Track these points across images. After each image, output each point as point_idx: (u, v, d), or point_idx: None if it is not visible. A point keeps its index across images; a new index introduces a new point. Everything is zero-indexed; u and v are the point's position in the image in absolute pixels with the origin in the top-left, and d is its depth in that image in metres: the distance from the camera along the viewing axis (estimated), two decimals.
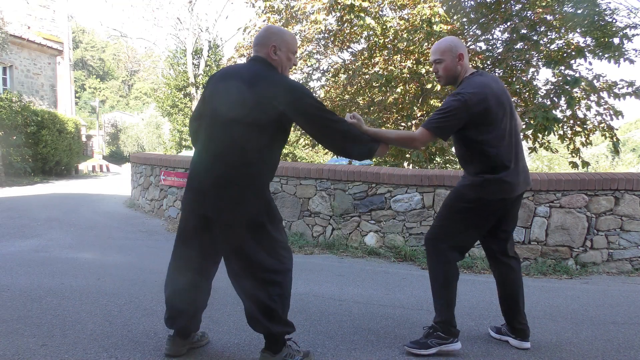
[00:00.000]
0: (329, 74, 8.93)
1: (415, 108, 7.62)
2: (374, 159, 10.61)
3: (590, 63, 9.08)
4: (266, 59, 2.07)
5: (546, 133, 6.78)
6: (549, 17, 6.54)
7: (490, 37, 8.28)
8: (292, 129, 2.32)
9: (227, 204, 1.95)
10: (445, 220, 2.40)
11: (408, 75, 6.95)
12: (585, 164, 7.46)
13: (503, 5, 7.26)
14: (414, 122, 7.83)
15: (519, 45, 7.12)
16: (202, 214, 2.01)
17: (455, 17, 7.83)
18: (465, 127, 2.24)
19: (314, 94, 2.04)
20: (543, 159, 26.09)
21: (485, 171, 2.27)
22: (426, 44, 6.53)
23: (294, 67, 2.20)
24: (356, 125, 2.20)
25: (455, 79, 2.37)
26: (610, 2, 15.32)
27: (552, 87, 7.23)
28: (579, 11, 6.96)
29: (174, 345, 2.19)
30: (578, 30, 7.25)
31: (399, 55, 6.94)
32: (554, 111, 6.55)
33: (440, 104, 7.30)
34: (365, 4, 6.51)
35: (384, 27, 6.75)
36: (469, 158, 2.34)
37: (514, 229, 2.53)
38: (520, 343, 2.49)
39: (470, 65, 2.52)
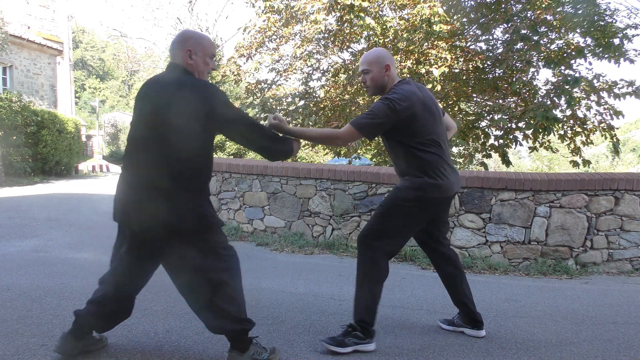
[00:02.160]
0: (329, 74, 8.92)
1: None
2: (373, 159, 10.62)
3: (590, 63, 9.09)
4: (182, 65, 2.03)
5: (546, 133, 6.78)
6: (549, 17, 6.53)
7: (491, 37, 8.28)
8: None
9: (156, 215, 1.90)
10: (382, 219, 2.41)
11: (408, 75, 6.95)
12: (587, 162, 7.46)
13: (503, 5, 7.25)
14: None
15: (519, 45, 7.11)
16: (128, 225, 2.00)
17: (455, 17, 7.82)
18: (395, 131, 2.35)
19: (228, 99, 2.04)
20: (543, 158, 26.10)
21: (422, 173, 2.36)
22: (426, 44, 6.52)
23: (213, 71, 2.16)
24: (278, 126, 2.30)
25: (382, 89, 2.46)
26: (610, 3, 15.34)
27: (552, 87, 7.22)
28: (579, 11, 6.95)
29: (65, 343, 2.11)
30: (578, 30, 7.25)
31: (399, 55, 6.93)
32: (554, 111, 6.55)
33: (440, 104, 7.33)
34: (365, 4, 6.50)
35: (384, 27, 6.74)
36: (405, 161, 2.42)
37: (446, 231, 2.72)
38: (477, 332, 2.63)
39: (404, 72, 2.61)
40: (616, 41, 6.95)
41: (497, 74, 7.65)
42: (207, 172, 2.08)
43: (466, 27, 8.04)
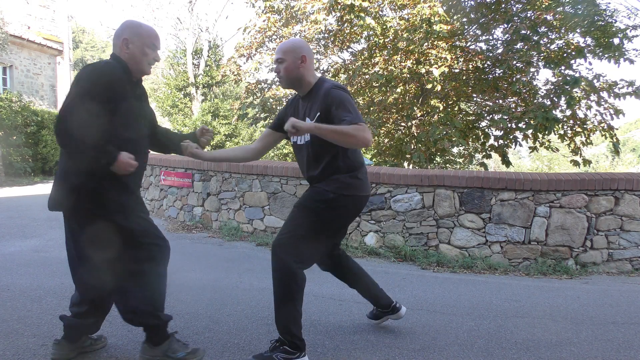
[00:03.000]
0: (329, 74, 8.93)
1: (415, 108, 7.62)
2: (373, 159, 10.61)
3: (590, 63, 9.12)
4: (118, 55, 2.00)
5: (546, 133, 6.78)
6: (549, 17, 6.53)
7: (491, 37, 8.28)
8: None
9: (66, 196, 1.95)
10: (304, 225, 2.19)
11: (408, 75, 6.94)
12: (587, 162, 7.46)
13: (503, 5, 7.26)
14: (414, 122, 7.83)
15: (519, 45, 7.11)
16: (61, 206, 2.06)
17: (455, 17, 7.82)
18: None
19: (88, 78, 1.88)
20: (543, 159, 26.12)
21: (354, 171, 2.25)
22: (426, 44, 6.52)
23: (155, 62, 2.07)
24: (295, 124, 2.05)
25: (297, 81, 2.26)
26: (610, 3, 15.34)
27: (552, 87, 7.23)
28: (579, 11, 6.95)
29: (60, 349, 2.10)
30: (578, 30, 7.25)
31: (399, 55, 6.93)
32: (554, 111, 6.55)
33: (440, 104, 7.34)
34: (365, 4, 6.50)
35: (384, 27, 6.74)
36: (337, 160, 2.21)
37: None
38: (398, 314, 2.66)
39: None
40: (616, 41, 6.96)
41: (497, 74, 7.65)
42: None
43: (466, 27, 8.04)
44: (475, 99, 8.58)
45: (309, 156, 2.27)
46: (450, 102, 8.35)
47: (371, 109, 8.13)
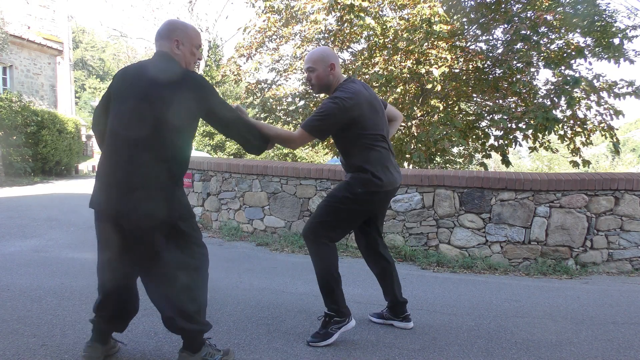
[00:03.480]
0: None
1: (415, 108, 7.62)
2: None
3: (590, 63, 9.11)
4: (169, 54, 2.02)
5: (546, 133, 6.78)
6: (549, 18, 6.54)
7: (491, 38, 8.28)
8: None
9: (136, 205, 1.87)
10: (329, 214, 2.48)
11: (408, 75, 6.94)
12: (586, 162, 7.46)
13: (503, 6, 7.26)
14: (414, 122, 7.83)
15: (519, 45, 7.12)
16: (110, 215, 1.93)
17: (455, 17, 7.82)
18: (344, 128, 2.41)
19: (218, 91, 2.01)
20: (543, 159, 26.13)
21: (368, 168, 2.43)
22: (426, 44, 6.52)
23: (198, 61, 2.19)
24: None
25: (327, 87, 2.51)
26: (610, 3, 15.34)
27: (552, 87, 7.23)
28: (579, 12, 6.96)
29: (93, 351, 2.09)
30: (578, 30, 7.26)
31: (399, 55, 6.93)
32: (554, 111, 6.55)
33: (440, 104, 7.34)
34: (365, 4, 6.50)
35: (384, 27, 6.75)
36: (353, 156, 2.49)
37: (382, 224, 2.85)
38: (406, 324, 2.75)
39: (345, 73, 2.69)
40: (616, 41, 6.96)
41: (497, 74, 7.65)
42: (187, 162, 2.07)
43: (466, 27, 8.04)
44: (475, 99, 8.58)
45: (339, 149, 2.60)
46: (450, 102, 8.35)
47: None
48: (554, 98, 6.88)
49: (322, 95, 2.66)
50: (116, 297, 2.08)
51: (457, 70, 7.48)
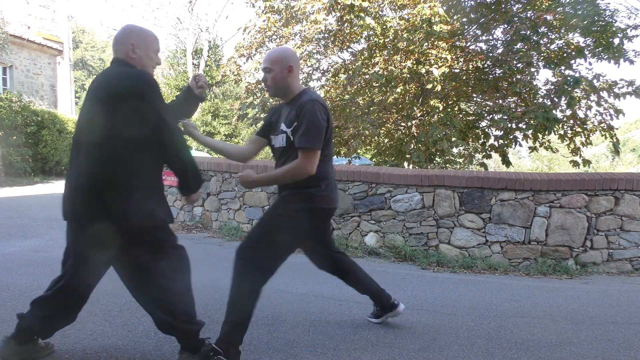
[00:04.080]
0: (329, 74, 8.91)
1: (415, 108, 7.62)
2: (373, 159, 10.61)
3: (590, 63, 9.10)
4: (125, 59, 2.00)
5: (546, 133, 6.78)
6: (549, 18, 6.53)
7: (491, 38, 8.28)
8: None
9: (102, 210, 1.86)
10: (269, 235, 2.22)
11: (408, 75, 6.93)
12: (587, 162, 7.46)
13: (503, 6, 7.25)
14: (414, 122, 7.83)
15: (519, 46, 7.11)
16: (75, 220, 1.94)
17: (455, 17, 7.82)
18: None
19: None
20: (543, 159, 26.12)
21: (318, 183, 2.24)
22: (426, 44, 6.52)
23: (157, 66, 2.13)
24: (245, 177, 2.24)
25: (283, 91, 2.29)
26: (610, 3, 15.34)
27: (552, 87, 7.23)
28: (579, 12, 6.95)
29: (5, 347, 2.04)
30: (578, 30, 7.25)
31: (399, 55, 6.93)
32: (554, 111, 6.55)
33: (440, 104, 7.33)
34: (365, 4, 6.50)
35: (384, 27, 6.74)
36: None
37: (331, 237, 2.71)
38: (396, 311, 2.75)
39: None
40: (616, 41, 6.96)
41: (497, 74, 7.65)
42: (149, 165, 1.98)
43: (466, 27, 8.04)
44: (475, 99, 8.57)
45: (280, 163, 2.31)
46: (450, 102, 8.35)
47: (371, 108, 8.13)
48: (554, 98, 6.87)
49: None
50: (67, 299, 2.06)
51: (457, 70, 7.48)
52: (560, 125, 7.03)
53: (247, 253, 2.21)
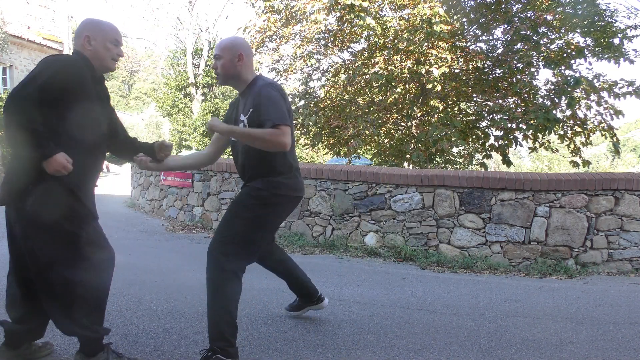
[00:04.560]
0: (329, 74, 8.92)
1: (415, 108, 7.62)
2: (373, 159, 10.61)
3: (590, 63, 9.10)
4: (80, 52, 1.99)
5: (546, 133, 6.78)
6: (549, 18, 6.53)
7: (491, 38, 8.28)
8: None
9: (14, 197, 1.83)
10: (238, 227, 2.18)
11: (408, 75, 6.94)
12: (586, 162, 7.46)
13: (503, 6, 7.25)
14: (414, 122, 7.83)
15: (519, 46, 7.11)
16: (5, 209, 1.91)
17: (455, 17, 7.82)
18: None
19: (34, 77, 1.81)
20: (543, 159, 26.13)
21: (283, 171, 2.24)
22: (426, 44, 6.52)
23: (119, 58, 2.07)
24: (212, 125, 2.13)
25: (234, 78, 2.27)
26: (610, 3, 15.34)
27: (552, 87, 7.23)
28: (579, 12, 6.95)
29: (0, 355, 2.00)
30: (578, 30, 7.25)
31: (399, 55, 6.93)
32: (554, 111, 6.55)
33: (440, 104, 7.34)
34: (365, 4, 6.50)
35: (384, 27, 6.74)
36: (268, 159, 2.20)
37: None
38: (320, 305, 2.78)
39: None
40: (616, 41, 6.96)
41: (497, 74, 7.65)
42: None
43: (466, 27, 8.04)
44: (475, 99, 8.58)
45: (242, 154, 2.28)
46: (450, 102, 8.35)
47: (371, 108, 8.13)
48: (554, 98, 6.87)
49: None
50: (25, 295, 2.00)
51: (457, 70, 7.48)
52: (560, 126, 7.03)
53: (215, 247, 2.18)
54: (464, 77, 7.73)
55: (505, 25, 7.22)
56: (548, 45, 7.20)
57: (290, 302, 2.91)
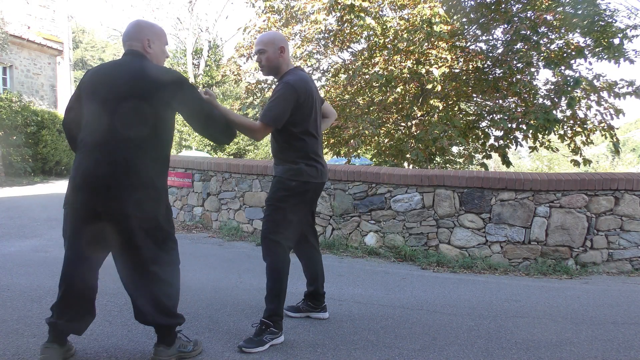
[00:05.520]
0: (329, 74, 8.92)
1: (415, 108, 7.62)
2: (373, 159, 10.61)
3: (590, 63, 9.12)
4: (142, 52, 2.09)
5: (546, 133, 6.78)
6: (549, 18, 6.54)
7: (491, 38, 8.28)
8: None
9: (118, 199, 1.91)
10: (273, 213, 2.49)
11: (408, 75, 6.94)
12: (587, 161, 7.46)
13: (503, 5, 7.26)
14: (414, 122, 7.83)
15: (519, 46, 7.12)
16: (91, 208, 1.95)
17: (455, 17, 7.82)
18: (291, 113, 2.40)
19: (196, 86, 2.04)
20: (543, 158, 26.12)
21: (301, 158, 2.47)
22: (426, 44, 6.52)
23: (167, 58, 2.29)
24: (212, 102, 2.29)
25: (277, 69, 2.52)
26: (610, 3, 15.33)
27: (552, 87, 7.23)
28: (579, 12, 6.96)
29: (54, 354, 2.01)
30: (578, 30, 7.25)
31: (399, 55, 6.93)
32: (554, 111, 6.55)
33: (440, 104, 7.34)
34: (365, 4, 6.50)
35: (384, 27, 6.74)
36: (287, 146, 2.49)
37: (315, 214, 2.87)
38: (320, 315, 2.85)
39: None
40: (616, 41, 6.96)
41: (497, 74, 7.65)
42: (167, 159, 2.14)
43: (466, 27, 8.04)
44: (475, 99, 8.58)
45: (273, 141, 2.58)
46: (450, 102, 8.35)
47: (371, 108, 8.13)
48: (554, 98, 6.88)
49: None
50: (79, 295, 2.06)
51: (457, 70, 7.48)
52: (560, 125, 7.03)
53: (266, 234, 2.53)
54: (464, 77, 7.73)
55: (505, 25, 7.22)
56: (548, 45, 7.20)
57: (291, 303, 2.93)
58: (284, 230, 2.49)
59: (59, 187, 11.08)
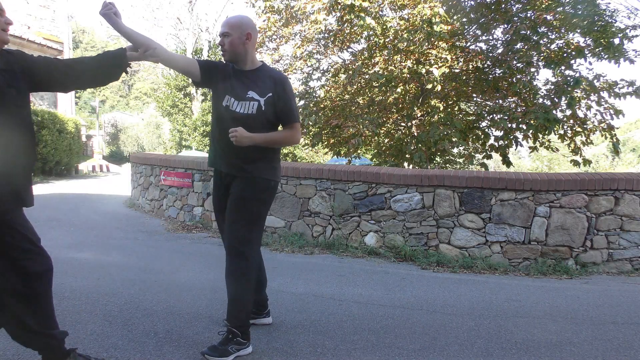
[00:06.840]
0: (329, 74, 8.92)
1: (415, 108, 7.61)
2: (373, 159, 10.60)
3: (590, 63, 9.08)
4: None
5: (546, 133, 6.78)
6: (549, 18, 6.53)
7: (491, 38, 8.28)
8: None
9: None
10: (250, 215, 2.31)
11: (408, 75, 6.94)
12: (587, 161, 7.46)
13: (503, 5, 7.25)
14: (414, 122, 7.83)
15: (519, 45, 7.11)
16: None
17: (455, 17, 7.81)
18: (274, 112, 2.33)
19: None
20: (543, 158, 26.14)
21: (278, 156, 2.47)
22: (426, 44, 6.52)
23: (8, 26, 1.91)
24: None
25: (239, 56, 2.33)
26: (610, 3, 15.34)
27: (552, 87, 7.23)
28: (579, 11, 6.95)
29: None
30: (578, 30, 7.25)
31: (399, 55, 6.93)
32: (554, 111, 6.55)
33: (440, 104, 7.33)
34: (366, 4, 6.50)
35: (384, 27, 6.74)
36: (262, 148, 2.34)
37: None
38: (262, 320, 2.72)
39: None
40: (616, 41, 6.95)
41: (497, 74, 7.65)
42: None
43: (466, 27, 8.04)
44: (475, 99, 8.58)
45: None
46: (450, 102, 8.35)
47: (371, 108, 8.13)
48: (554, 98, 6.87)
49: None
50: None
51: (457, 70, 7.47)
52: (560, 125, 7.03)
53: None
54: (464, 77, 7.73)
55: (505, 25, 7.22)
56: (548, 45, 7.20)
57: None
58: (258, 233, 2.38)
59: (59, 187, 11.08)
